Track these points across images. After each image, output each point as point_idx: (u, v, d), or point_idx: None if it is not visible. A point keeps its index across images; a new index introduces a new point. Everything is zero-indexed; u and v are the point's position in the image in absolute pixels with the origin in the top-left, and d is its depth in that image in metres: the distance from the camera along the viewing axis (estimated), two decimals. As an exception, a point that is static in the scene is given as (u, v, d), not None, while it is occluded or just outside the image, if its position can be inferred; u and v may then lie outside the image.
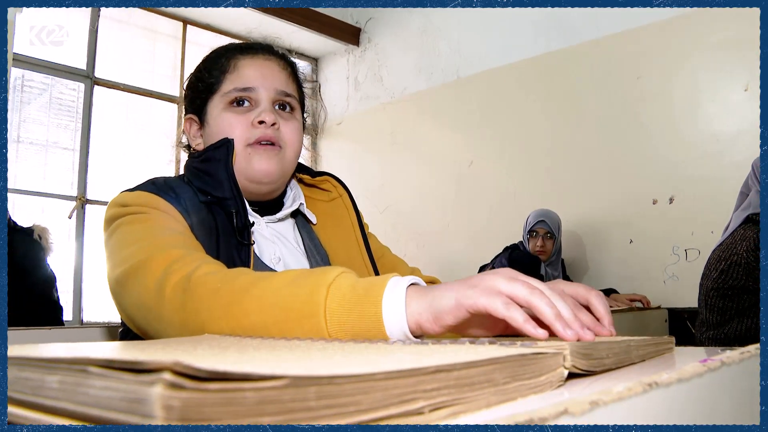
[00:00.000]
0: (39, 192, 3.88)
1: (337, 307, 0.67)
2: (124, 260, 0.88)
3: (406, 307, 0.65)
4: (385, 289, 0.67)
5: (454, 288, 0.64)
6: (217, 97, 1.11)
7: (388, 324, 0.65)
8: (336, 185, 1.24)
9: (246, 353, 0.40)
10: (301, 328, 0.69)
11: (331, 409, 0.26)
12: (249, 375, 0.24)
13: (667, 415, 0.41)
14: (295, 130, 1.13)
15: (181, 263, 0.83)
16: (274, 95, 1.11)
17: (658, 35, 3.47)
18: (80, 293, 3.94)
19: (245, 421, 0.23)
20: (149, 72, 4.46)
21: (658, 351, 0.63)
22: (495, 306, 0.61)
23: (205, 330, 0.75)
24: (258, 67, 1.12)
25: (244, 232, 1.02)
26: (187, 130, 1.18)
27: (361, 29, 5.13)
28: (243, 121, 1.08)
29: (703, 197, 3.26)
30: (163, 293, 0.80)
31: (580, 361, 0.47)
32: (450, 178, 4.41)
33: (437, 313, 0.64)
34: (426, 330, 0.65)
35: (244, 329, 0.72)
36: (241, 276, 0.78)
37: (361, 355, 0.41)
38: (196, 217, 1.01)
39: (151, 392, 0.22)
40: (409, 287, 0.67)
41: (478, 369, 0.35)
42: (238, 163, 1.07)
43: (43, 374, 0.28)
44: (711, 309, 2.14)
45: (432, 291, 0.65)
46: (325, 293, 0.68)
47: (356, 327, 0.66)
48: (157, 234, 0.92)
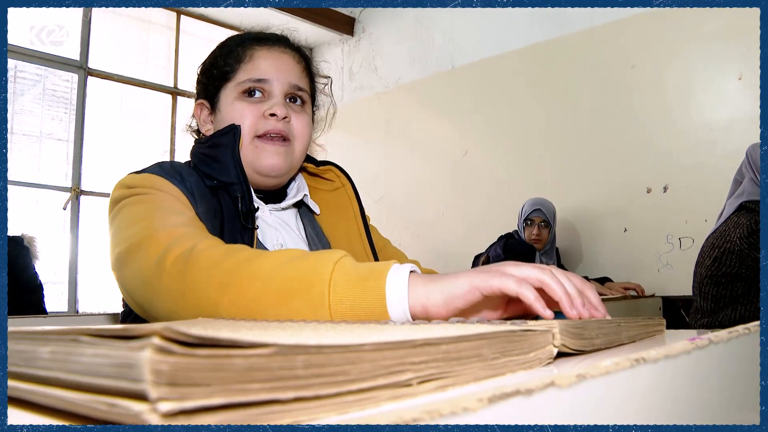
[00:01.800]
0: (33, 183, 3.87)
1: (342, 281, 0.68)
2: (127, 238, 0.89)
3: (410, 290, 0.66)
4: (390, 270, 0.68)
5: (465, 274, 0.66)
6: (230, 85, 1.12)
7: (391, 302, 0.66)
8: (339, 175, 1.25)
9: (239, 332, 0.41)
10: (301, 298, 0.69)
11: (319, 378, 0.27)
12: (237, 341, 0.24)
13: (654, 391, 0.41)
14: (305, 124, 1.14)
15: (183, 239, 0.83)
16: (287, 88, 1.12)
17: (652, 24, 3.47)
18: (75, 284, 3.94)
19: (234, 387, 0.24)
20: (143, 63, 4.45)
21: (648, 332, 0.63)
22: (507, 284, 0.63)
23: (202, 302, 0.76)
24: (274, 59, 1.13)
25: (249, 217, 1.03)
26: (198, 115, 1.19)
27: (355, 19, 5.12)
28: (254, 111, 1.09)
29: (697, 186, 3.27)
30: (164, 265, 0.80)
31: (569, 340, 0.47)
32: (444, 167, 4.41)
33: (449, 297, 0.65)
34: (432, 314, 0.66)
35: (244, 300, 0.73)
36: (243, 250, 0.79)
37: (352, 333, 0.41)
38: (201, 201, 1.02)
39: (140, 356, 0.22)
40: (412, 272, 0.69)
41: (467, 344, 0.36)
42: (247, 155, 1.08)
43: (36, 346, 0.28)
44: (705, 296, 2.14)
45: (442, 277, 0.67)
46: (332, 268, 0.70)
47: (358, 302, 0.67)
48: (162, 214, 0.93)
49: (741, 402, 0.55)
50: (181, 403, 0.22)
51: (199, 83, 1.20)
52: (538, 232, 3.43)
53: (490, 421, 0.27)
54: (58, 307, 3.87)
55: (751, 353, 0.57)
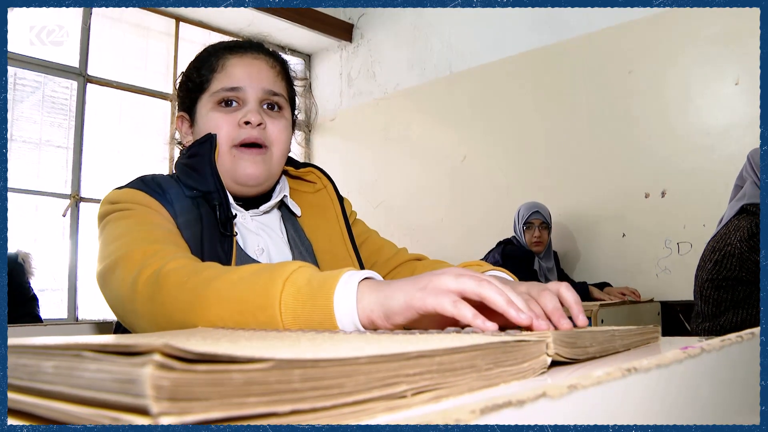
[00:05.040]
0: (33, 190, 3.88)
1: (291, 300, 0.69)
2: (107, 256, 0.92)
3: (358, 302, 0.66)
4: (338, 282, 0.67)
5: (404, 288, 0.64)
6: (205, 96, 1.13)
7: (339, 317, 0.66)
8: (320, 176, 1.25)
9: (238, 343, 0.41)
10: (256, 320, 0.70)
11: (315, 392, 0.27)
12: (235, 357, 0.25)
13: (646, 401, 0.42)
14: (282, 129, 1.14)
15: (155, 258, 0.86)
16: (262, 95, 1.12)
17: (650, 29, 3.48)
18: (75, 291, 3.94)
19: (232, 401, 0.24)
20: (142, 69, 4.46)
21: (643, 340, 0.64)
22: (443, 305, 0.60)
23: (172, 322, 0.78)
24: (245, 66, 1.13)
25: (227, 224, 1.04)
26: (179, 127, 1.20)
27: (353, 25, 5.13)
28: (230, 120, 1.10)
29: (695, 191, 3.28)
30: (136, 288, 0.83)
31: (563, 349, 0.48)
32: (443, 173, 4.42)
33: (388, 313, 0.64)
34: (379, 326, 0.66)
35: (205, 321, 0.74)
36: (207, 270, 0.80)
37: (348, 343, 0.42)
38: (181, 212, 1.04)
39: (141, 373, 0.23)
40: (363, 281, 0.68)
41: (461, 355, 0.36)
42: (224, 164, 1.10)
43: (39, 360, 0.29)
44: (706, 300, 2.14)
45: (384, 288, 0.66)
46: (281, 286, 0.70)
47: (309, 319, 0.67)
48: (141, 230, 0.95)
49: (735, 411, 0.56)
50: (182, 418, 0.23)
51: (178, 96, 1.21)
52: (539, 234, 3.45)
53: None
54: (58, 314, 3.87)
55: (745, 361, 0.57)
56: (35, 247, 3.66)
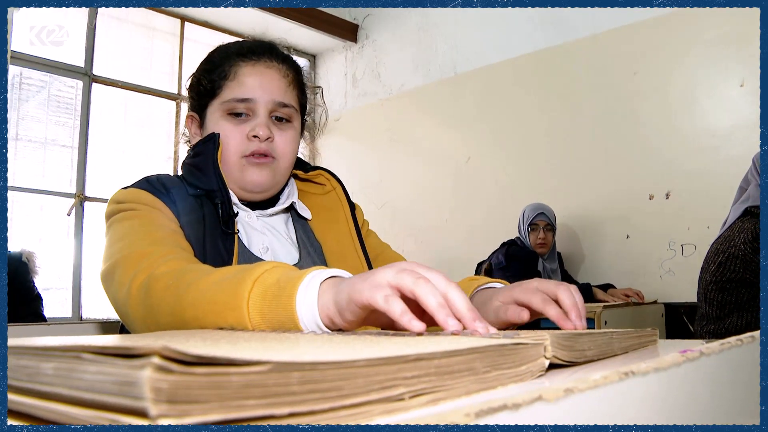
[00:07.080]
0: (38, 189, 3.89)
1: (259, 299, 0.69)
2: (109, 257, 0.95)
3: (318, 300, 0.66)
4: (302, 281, 0.68)
5: (351, 282, 0.64)
6: (216, 102, 1.13)
7: (301, 316, 0.66)
8: (330, 178, 1.26)
9: (237, 345, 0.42)
10: (226, 320, 0.71)
11: (313, 394, 0.28)
12: (234, 360, 0.25)
13: (644, 404, 0.42)
14: (289, 141, 1.15)
15: (149, 261, 0.88)
16: (272, 106, 1.13)
17: (655, 31, 3.48)
18: (79, 290, 3.95)
19: (231, 404, 0.25)
20: (147, 69, 4.47)
21: (641, 343, 0.64)
22: (375, 299, 0.60)
23: (160, 326, 0.80)
24: (258, 75, 1.13)
25: (229, 221, 1.06)
26: (189, 126, 1.21)
27: (358, 26, 5.13)
28: (239, 132, 1.11)
29: (700, 192, 3.27)
30: (131, 292, 0.86)
31: (561, 352, 0.48)
32: (447, 173, 4.42)
33: (339, 309, 0.64)
34: (336, 324, 0.66)
35: (186, 323, 0.75)
36: (191, 272, 0.81)
37: (348, 345, 0.42)
38: (184, 211, 1.05)
39: (140, 375, 0.23)
40: (327, 280, 0.68)
41: (459, 358, 0.37)
42: (232, 173, 1.11)
43: (39, 362, 0.29)
44: (710, 303, 2.14)
45: (339, 285, 0.65)
46: (250, 286, 0.70)
47: (274, 319, 0.68)
48: (142, 231, 0.97)
49: (735, 414, 0.55)
50: (180, 420, 0.23)
51: (189, 96, 1.21)
52: (544, 235, 3.45)
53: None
54: (63, 313, 3.88)
55: (745, 365, 0.57)
56: (40, 246, 3.68)
